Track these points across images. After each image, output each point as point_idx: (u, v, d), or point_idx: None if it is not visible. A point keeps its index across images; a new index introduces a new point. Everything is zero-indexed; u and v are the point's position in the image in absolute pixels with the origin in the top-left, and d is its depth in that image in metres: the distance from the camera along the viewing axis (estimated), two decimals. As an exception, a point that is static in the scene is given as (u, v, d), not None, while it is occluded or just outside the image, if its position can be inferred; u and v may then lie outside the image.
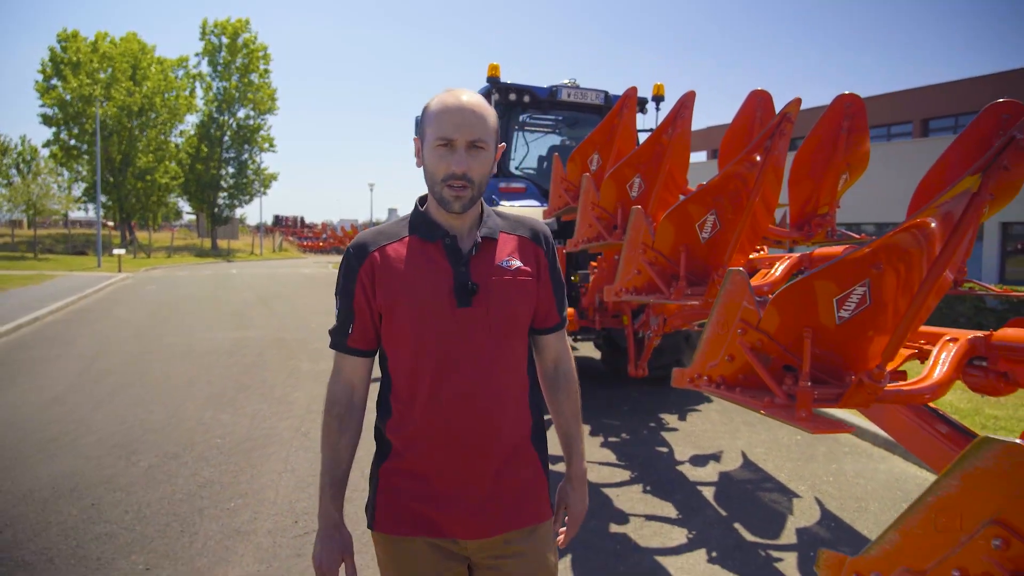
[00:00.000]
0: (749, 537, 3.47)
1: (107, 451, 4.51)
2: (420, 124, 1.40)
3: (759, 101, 4.25)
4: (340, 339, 1.45)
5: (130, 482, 3.97)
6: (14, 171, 42.49)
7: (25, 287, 15.99)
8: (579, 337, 6.76)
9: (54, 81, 34.62)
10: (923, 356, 2.13)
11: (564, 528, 1.57)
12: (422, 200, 1.48)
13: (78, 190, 36.53)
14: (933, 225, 1.73)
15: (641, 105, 7.16)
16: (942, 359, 2.00)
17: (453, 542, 1.40)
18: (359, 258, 1.41)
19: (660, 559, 3.20)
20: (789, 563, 3.20)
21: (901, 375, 2.18)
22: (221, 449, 4.60)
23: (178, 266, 29.60)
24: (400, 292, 1.38)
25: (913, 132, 24.91)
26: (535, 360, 1.58)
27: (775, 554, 3.29)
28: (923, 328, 2.24)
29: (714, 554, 3.26)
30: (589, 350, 8.21)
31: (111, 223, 38.15)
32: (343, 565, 1.44)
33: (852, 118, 3.38)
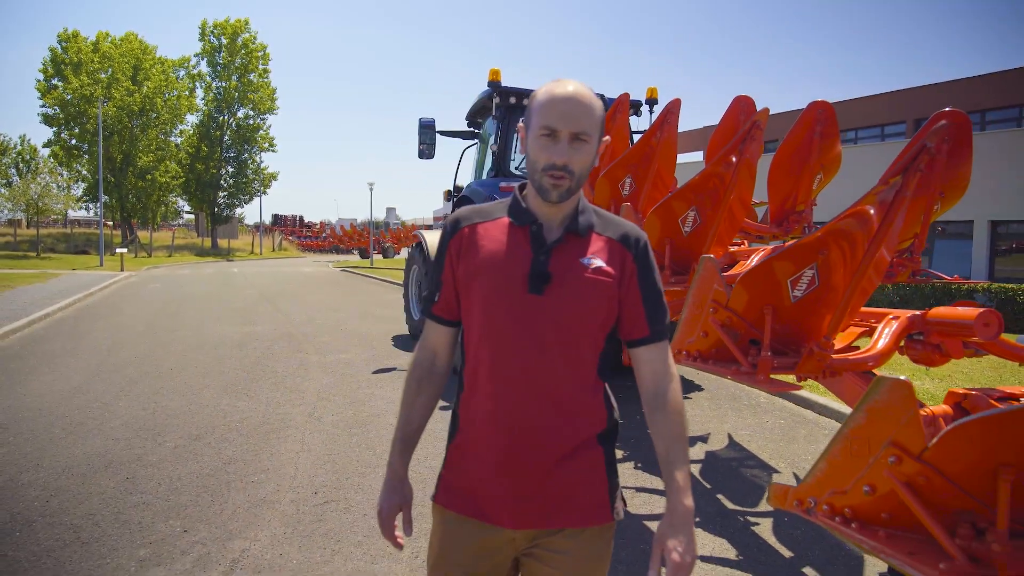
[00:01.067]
0: (730, 506, 3.80)
1: (134, 433, 4.82)
2: (526, 112, 1.41)
3: (742, 106, 4.59)
4: (428, 306, 1.50)
5: (159, 459, 4.28)
6: (13, 171, 42.73)
7: (31, 285, 16.25)
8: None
9: (55, 81, 34.87)
10: (872, 333, 2.46)
11: None
12: (522, 187, 1.49)
13: (78, 190, 36.79)
14: (872, 211, 2.06)
15: (636, 108, 7.49)
16: (885, 333, 2.33)
17: (499, 529, 1.40)
18: (452, 232, 1.46)
19: (648, 523, 3.53)
20: (765, 527, 3.53)
21: (854, 349, 2.51)
22: (240, 431, 4.92)
23: (179, 265, 29.85)
24: (479, 268, 1.40)
25: (907, 132, 25.24)
26: (636, 376, 1.50)
27: (752, 519, 3.62)
28: (872, 309, 2.56)
29: (697, 519, 3.57)
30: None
31: (109, 223, 38.45)
32: (400, 514, 1.51)
33: (824, 124, 3.71)
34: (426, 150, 7.98)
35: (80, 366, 7.13)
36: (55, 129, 35.26)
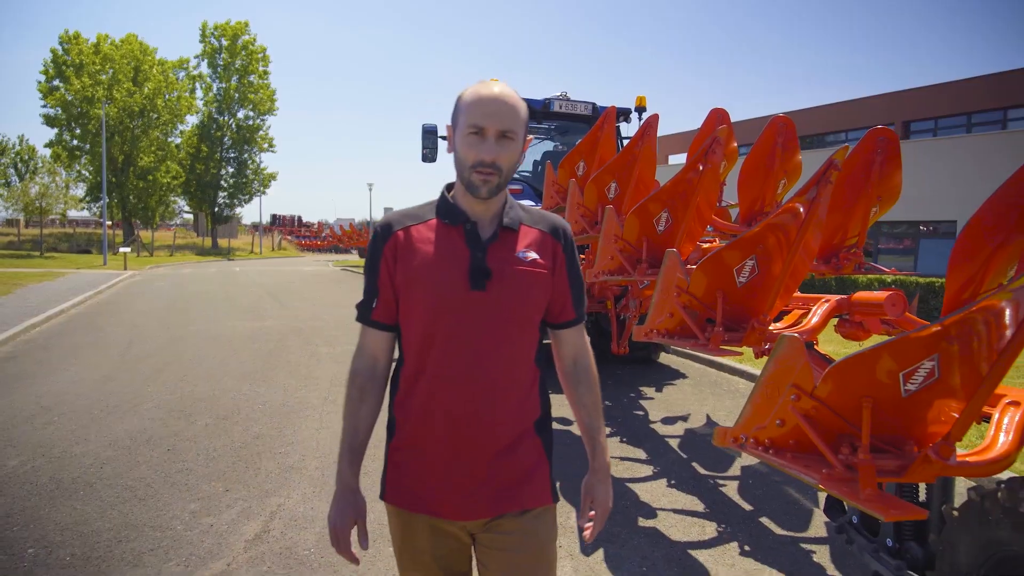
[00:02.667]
0: (702, 471, 4.31)
1: (167, 414, 5.30)
2: (454, 112, 1.44)
3: (718, 118, 5.10)
4: (365, 313, 1.49)
5: (195, 435, 4.77)
6: (12, 171, 43.07)
7: (41, 283, 16.66)
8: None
9: (56, 82, 35.23)
10: (806, 312, 2.96)
11: (590, 524, 1.52)
12: (449, 187, 1.52)
13: (77, 189, 37.14)
14: (800, 208, 2.56)
15: (626, 115, 7.98)
16: (817, 312, 2.84)
17: (449, 523, 1.45)
18: (384, 236, 1.46)
19: (630, 486, 4.03)
20: (731, 488, 4.04)
21: (793, 326, 3.01)
22: (264, 412, 5.41)
23: (181, 264, 30.27)
24: (418, 270, 1.42)
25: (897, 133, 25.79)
26: (554, 354, 1.59)
27: (721, 482, 4.13)
28: (811, 295, 3.07)
29: (673, 482, 4.09)
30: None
31: (108, 222, 38.85)
32: (355, 528, 1.50)
33: (784, 136, 4.21)
34: (429, 154, 8.46)
35: (105, 357, 7.60)
36: (57, 130, 35.65)
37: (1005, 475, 3.50)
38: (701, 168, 3.44)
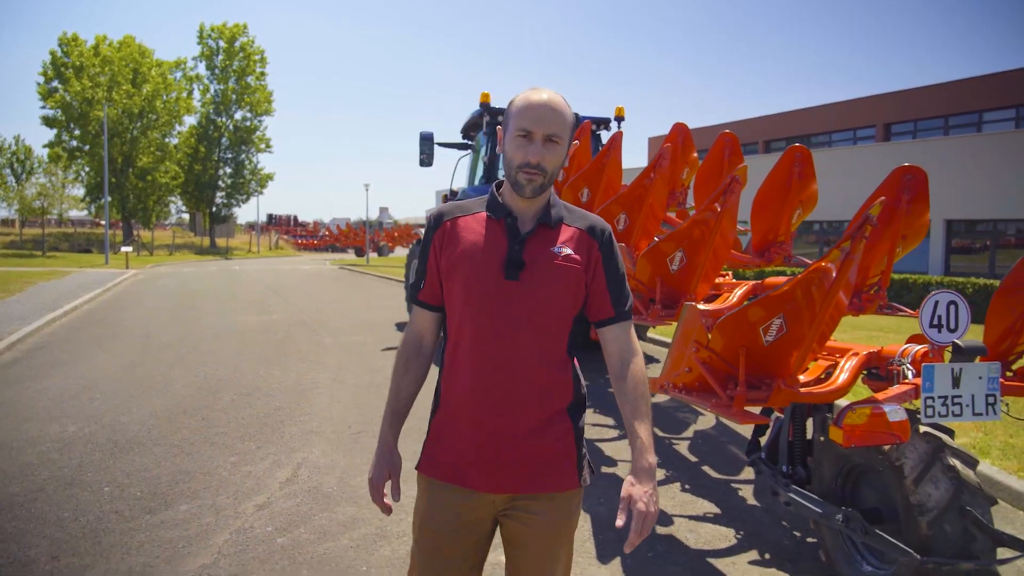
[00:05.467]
0: (661, 433, 5.05)
1: (194, 392, 6.01)
2: (504, 116, 1.56)
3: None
4: (414, 292, 1.63)
5: (223, 407, 5.48)
6: (8, 171, 43.46)
7: (49, 282, 17.25)
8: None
9: (55, 83, 35.69)
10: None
11: (631, 533, 1.42)
12: (499, 184, 1.61)
13: (75, 190, 37.61)
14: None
15: (606, 124, 8.71)
16: (736, 294, 3.57)
17: (479, 493, 1.53)
18: (435, 225, 1.60)
19: (600, 445, 4.77)
20: (682, 446, 4.78)
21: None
22: (281, 390, 6.12)
23: (182, 263, 30.85)
24: (459, 258, 1.53)
25: (876, 136, 26.63)
26: (604, 353, 1.62)
27: (675, 442, 4.88)
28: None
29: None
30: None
31: (102, 221, 39.32)
32: (390, 482, 1.61)
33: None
34: (426, 159, 9.17)
35: (127, 347, 8.28)
36: (56, 131, 36.13)
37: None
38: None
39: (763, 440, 3.47)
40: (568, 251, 1.53)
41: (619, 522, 1.43)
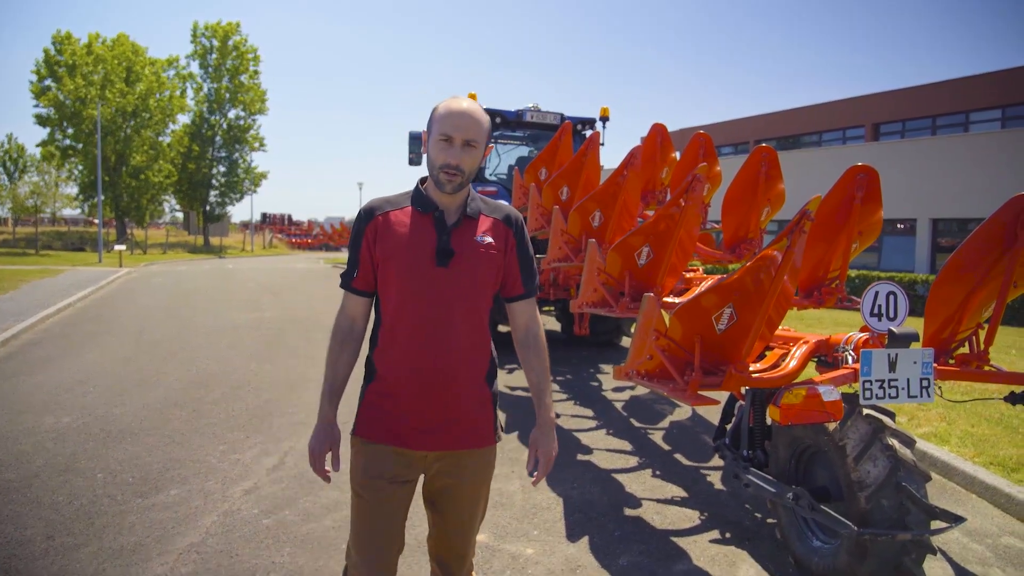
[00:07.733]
0: (636, 424, 5.23)
1: (187, 386, 6.15)
2: (429, 121, 1.72)
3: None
4: (347, 280, 1.80)
5: (214, 401, 5.63)
6: (0, 170, 43.33)
7: (42, 279, 17.29)
8: (542, 309, 8.48)
9: (48, 82, 35.62)
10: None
11: (537, 472, 1.83)
12: (422, 180, 1.80)
13: (69, 188, 37.58)
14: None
15: (591, 124, 8.89)
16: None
17: (411, 452, 1.76)
18: (367, 218, 1.76)
19: (577, 435, 4.94)
20: (657, 435, 4.96)
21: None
22: (270, 384, 6.27)
23: (175, 262, 30.87)
24: (394, 249, 1.72)
25: (865, 136, 26.91)
26: (510, 325, 1.90)
27: (650, 431, 5.06)
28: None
29: (611, 431, 5.02)
30: (551, 323, 9.94)
31: (96, 220, 39.31)
32: (330, 453, 1.84)
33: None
34: (416, 159, 9.30)
35: (121, 343, 8.41)
36: (49, 130, 36.07)
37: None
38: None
39: (729, 427, 3.66)
40: (489, 239, 1.76)
41: (529, 466, 1.86)
